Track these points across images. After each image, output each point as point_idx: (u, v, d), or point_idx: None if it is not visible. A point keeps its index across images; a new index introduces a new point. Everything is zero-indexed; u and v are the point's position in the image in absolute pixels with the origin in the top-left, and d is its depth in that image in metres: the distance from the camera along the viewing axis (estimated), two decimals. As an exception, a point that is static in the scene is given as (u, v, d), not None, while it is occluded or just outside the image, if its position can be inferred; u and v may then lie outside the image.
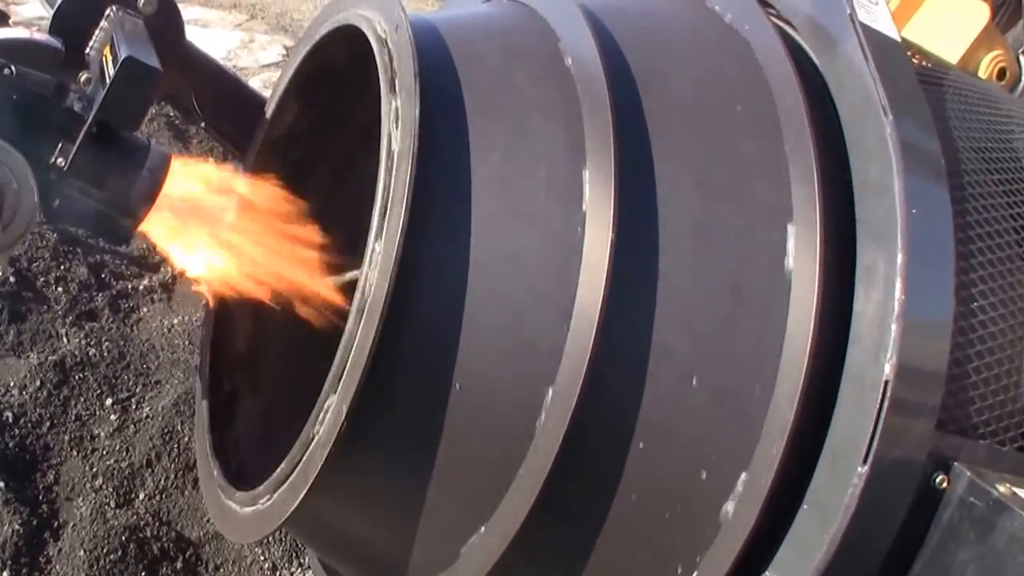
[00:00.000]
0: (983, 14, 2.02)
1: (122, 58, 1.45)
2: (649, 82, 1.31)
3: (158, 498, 2.40)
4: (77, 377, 2.50)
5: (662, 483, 1.30)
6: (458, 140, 1.26)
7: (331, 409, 1.26)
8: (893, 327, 1.23)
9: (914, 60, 1.53)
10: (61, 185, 1.49)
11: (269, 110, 1.72)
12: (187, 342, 2.74)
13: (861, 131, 1.31)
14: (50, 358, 2.48)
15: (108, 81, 1.47)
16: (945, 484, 1.32)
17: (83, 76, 1.61)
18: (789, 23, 1.44)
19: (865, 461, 1.24)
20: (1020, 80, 2.15)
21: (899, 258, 1.24)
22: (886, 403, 1.23)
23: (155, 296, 2.82)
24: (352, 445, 1.26)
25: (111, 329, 2.66)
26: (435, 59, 1.30)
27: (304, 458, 1.29)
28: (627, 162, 1.25)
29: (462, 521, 1.33)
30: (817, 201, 1.26)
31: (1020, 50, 2.08)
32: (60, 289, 2.67)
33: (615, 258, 1.22)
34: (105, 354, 2.57)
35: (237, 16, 5.40)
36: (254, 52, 5.06)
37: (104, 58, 1.57)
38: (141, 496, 2.39)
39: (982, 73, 1.97)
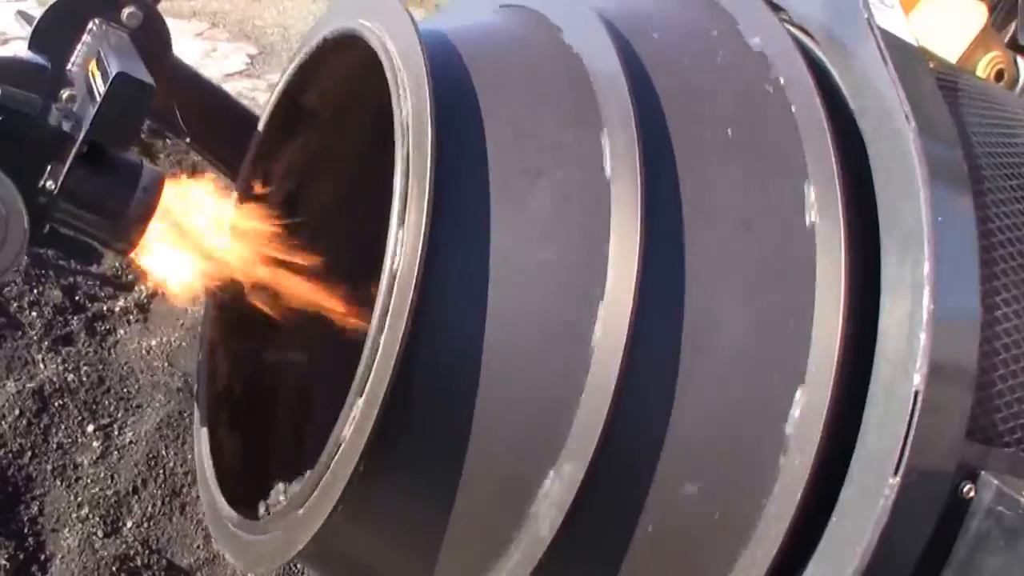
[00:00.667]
0: (981, 14, 2.03)
1: (113, 74, 1.41)
2: (678, 118, 1.29)
3: (146, 525, 2.35)
4: (57, 404, 2.45)
5: (687, 505, 1.29)
6: (476, 189, 1.24)
7: (346, 443, 1.23)
8: (922, 336, 1.22)
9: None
10: (51, 209, 1.44)
11: (262, 123, 1.68)
12: (166, 363, 2.69)
13: (882, 138, 1.30)
14: (28, 385, 2.43)
15: (98, 98, 1.43)
16: (972, 493, 1.32)
17: (65, 93, 1.56)
18: (801, 27, 1.42)
19: (896, 472, 1.23)
20: (1017, 81, 2.16)
21: (926, 267, 1.23)
22: (916, 413, 1.23)
23: (131, 317, 2.77)
24: (369, 476, 1.23)
25: (88, 353, 2.60)
26: (453, 97, 1.27)
27: (320, 487, 1.26)
28: (655, 213, 1.24)
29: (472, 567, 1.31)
30: (842, 227, 1.25)
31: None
32: (34, 314, 2.61)
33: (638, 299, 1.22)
34: (84, 379, 2.52)
35: (198, 25, 5.33)
36: (217, 61, 5.00)
37: (91, 74, 1.53)
38: (129, 524, 2.34)
39: (980, 74, 1.97)
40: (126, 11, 1.63)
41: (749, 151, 1.30)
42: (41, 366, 2.50)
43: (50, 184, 1.43)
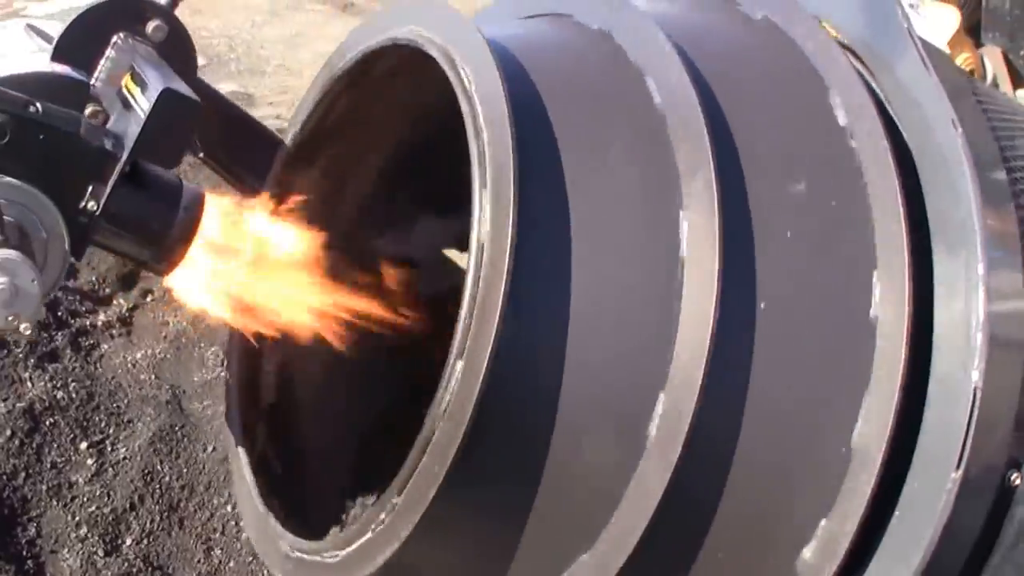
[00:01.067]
0: (954, 18, 2.06)
1: (159, 90, 1.33)
2: (743, 137, 1.27)
3: (146, 542, 2.25)
4: (48, 423, 2.32)
5: (757, 514, 1.27)
6: (552, 214, 1.21)
7: (423, 468, 1.18)
8: (979, 336, 1.23)
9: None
10: (92, 231, 1.36)
11: (291, 133, 1.61)
12: (153, 377, 2.58)
13: (929, 144, 1.30)
14: (18, 405, 2.30)
15: (141, 115, 1.34)
16: (1018, 482, 1.33)
17: (89, 109, 1.47)
18: (838, 39, 1.41)
19: (958, 466, 1.23)
20: (985, 79, 2.21)
21: (980, 268, 1.24)
22: (976, 410, 1.23)
23: (114, 331, 2.64)
24: (446, 496, 1.19)
25: (75, 369, 2.48)
26: (527, 118, 1.22)
27: (397, 509, 1.21)
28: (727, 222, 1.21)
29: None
30: (905, 249, 1.25)
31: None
32: (18, 330, 2.47)
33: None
34: (73, 396, 2.40)
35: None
36: (163, 71, 4.82)
37: (126, 89, 1.44)
38: (128, 541, 2.24)
39: (959, 76, 2.01)
40: (151, 24, 1.54)
41: (813, 167, 1.29)
42: (29, 384, 2.37)
43: (92, 205, 1.34)
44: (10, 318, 1.26)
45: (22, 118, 1.27)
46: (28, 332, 1.34)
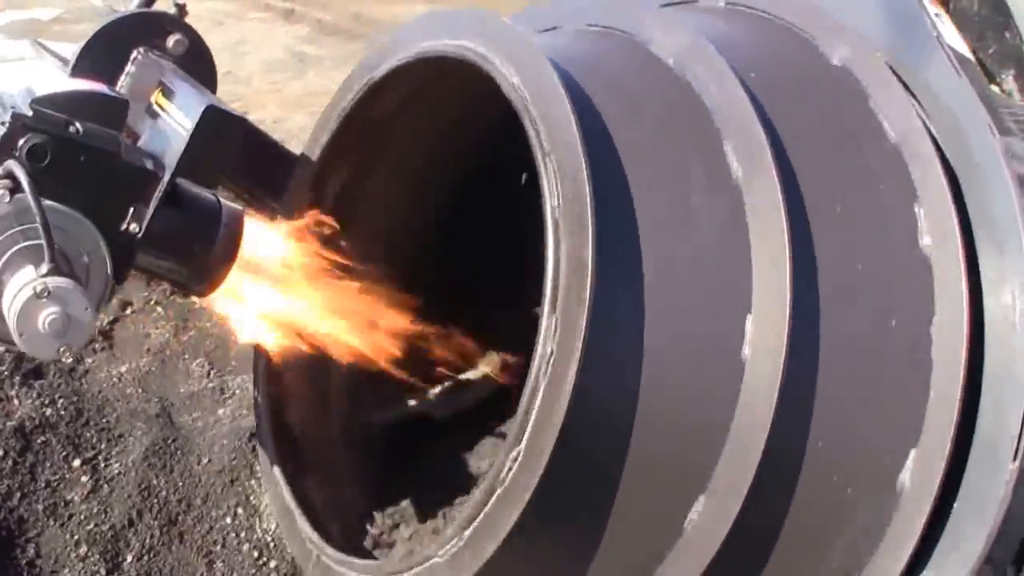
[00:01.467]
0: (930, 20, 2.05)
1: (202, 108, 1.22)
2: (797, 152, 1.23)
3: (147, 558, 2.12)
4: (39, 441, 2.17)
5: (826, 520, 1.24)
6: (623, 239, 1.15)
7: (507, 484, 1.11)
8: (1031, 329, 1.21)
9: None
10: (135, 253, 1.24)
11: (317, 149, 1.51)
12: (140, 390, 2.44)
13: (967, 149, 1.28)
14: (8, 424, 2.14)
15: (184, 133, 1.24)
16: (1059, 469, 1.32)
17: (108, 126, 1.35)
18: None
19: (1015, 457, 1.22)
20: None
21: (1027, 264, 1.22)
22: (1029, 402, 1.21)
23: (96, 345, 2.48)
24: (528, 515, 1.12)
25: (61, 385, 2.32)
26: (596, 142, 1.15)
27: (474, 528, 1.13)
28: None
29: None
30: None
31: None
32: (2, 348, 2.30)
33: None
34: (62, 413, 2.25)
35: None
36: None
37: (157, 106, 1.32)
38: (129, 558, 2.11)
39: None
40: (172, 39, 1.42)
41: (861, 178, 1.26)
42: (16, 402, 2.22)
43: (134, 227, 1.23)
44: (61, 348, 1.14)
45: (63, 139, 1.16)
46: (69, 359, 1.23)
